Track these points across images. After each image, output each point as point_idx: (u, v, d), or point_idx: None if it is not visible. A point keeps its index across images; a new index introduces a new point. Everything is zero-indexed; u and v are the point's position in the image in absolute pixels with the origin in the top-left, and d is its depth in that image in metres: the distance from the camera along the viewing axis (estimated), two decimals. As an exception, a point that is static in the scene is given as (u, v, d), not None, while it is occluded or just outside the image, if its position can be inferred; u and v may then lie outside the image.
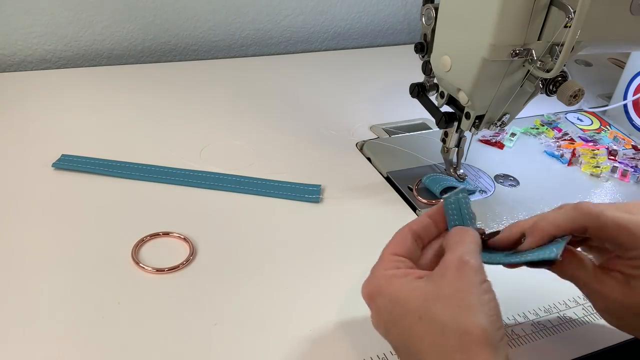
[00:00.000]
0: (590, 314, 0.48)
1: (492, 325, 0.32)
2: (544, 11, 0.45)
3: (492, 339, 0.32)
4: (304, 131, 0.71)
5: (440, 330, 0.32)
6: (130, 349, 0.41)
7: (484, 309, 0.33)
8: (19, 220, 0.52)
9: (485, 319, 0.32)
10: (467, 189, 0.60)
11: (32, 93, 0.73)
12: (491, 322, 0.32)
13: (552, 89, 0.50)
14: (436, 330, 0.32)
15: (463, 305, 0.33)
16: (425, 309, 0.33)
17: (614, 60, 1.01)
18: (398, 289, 0.35)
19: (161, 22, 0.87)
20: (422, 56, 0.57)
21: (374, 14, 1.02)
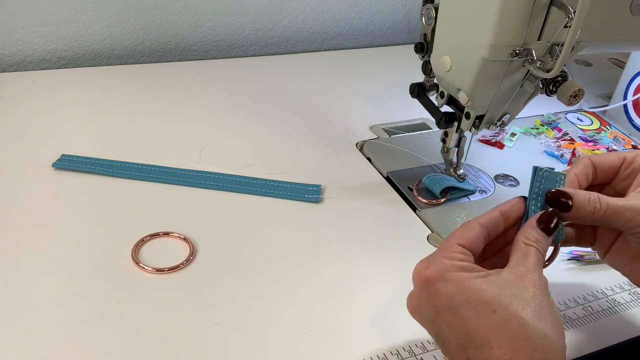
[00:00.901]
0: (590, 313, 0.48)
1: (563, 336, 0.34)
2: (544, 11, 0.45)
3: (564, 348, 0.33)
4: (304, 131, 0.71)
5: (520, 326, 0.33)
6: (130, 349, 0.41)
7: (559, 321, 0.34)
8: (19, 220, 0.52)
9: (560, 329, 0.34)
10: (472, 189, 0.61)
11: (32, 93, 0.73)
12: (562, 333, 0.34)
13: (552, 89, 0.50)
14: (515, 326, 0.33)
15: (543, 312, 0.34)
16: (503, 304, 0.34)
17: (614, 60, 1.01)
18: (466, 278, 0.35)
19: (161, 22, 0.87)
20: (422, 56, 0.57)
21: (374, 14, 1.02)
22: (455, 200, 0.60)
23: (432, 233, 0.55)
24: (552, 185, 0.40)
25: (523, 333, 0.33)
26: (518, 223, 0.40)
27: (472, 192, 0.61)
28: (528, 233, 0.38)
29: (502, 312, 0.33)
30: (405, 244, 0.54)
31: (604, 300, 0.50)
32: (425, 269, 0.37)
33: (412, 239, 0.55)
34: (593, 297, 0.50)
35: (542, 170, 0.41)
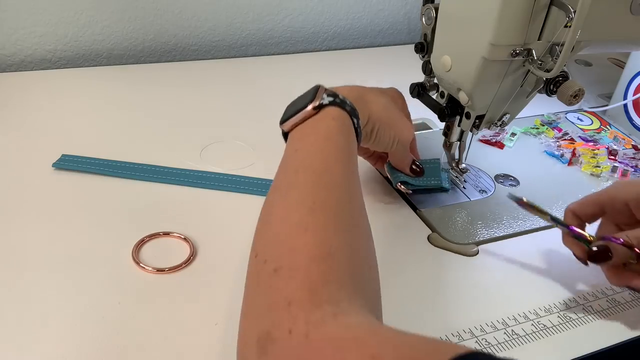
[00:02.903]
0: (590, 314, 0.48)
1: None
2: (544, 11, 0.45)
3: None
4: (304, 131, 0.71)
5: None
6: (130, 349, 0.41)
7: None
8: (19, 220, 0.52)
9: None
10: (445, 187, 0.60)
11: (32, 93, 0.73)
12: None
13: (552, 89, 0.50)
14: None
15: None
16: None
17: (614, 60, 1.01)
18: None
19: (161, 22, 0.87)
20: (423, 56, 0.57)
21: (374, 14, 1.02)
22: (454, 200, 0.60)
23: (432, 233, 0.55)
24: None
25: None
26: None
27: (445, 190, 0.60)
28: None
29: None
30: (405, 244, 0.54)
31: (604, 300, 0.50)
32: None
33: (412, 239, 0.55)
34: (593, 297, 0.50)
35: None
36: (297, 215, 0.35)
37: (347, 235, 0.35)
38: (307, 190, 0.37)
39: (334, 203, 0.37)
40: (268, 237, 0.36)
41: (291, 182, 0.38)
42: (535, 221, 0.58)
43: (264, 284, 0.33)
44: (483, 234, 0.56)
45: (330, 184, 0.38)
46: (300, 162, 0.40)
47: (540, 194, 0.63)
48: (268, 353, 0.29)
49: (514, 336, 0.45)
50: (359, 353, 0.27)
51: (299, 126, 0.44)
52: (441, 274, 0.51)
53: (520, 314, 0.47)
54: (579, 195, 0.63)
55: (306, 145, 0.42)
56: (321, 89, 0.45)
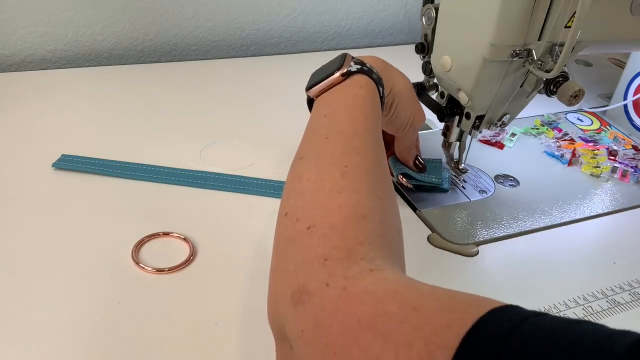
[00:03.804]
0: (590, 314, 0.48)
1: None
2: (544, 11, 0.45)
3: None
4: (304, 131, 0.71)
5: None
6: (130, 349, 0.41)
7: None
8: (19, 220, 0.52)
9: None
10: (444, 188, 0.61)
11: (32, 93, 0.73)
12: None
13: (552, 89, 0.50)
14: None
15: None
16: None
17: (614, 60, 1.01)
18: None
19: (161, 22, 0.87)
20: (423, 57, 0.57)
21: (374, 14, 1.02)
22: (454, 200, 0.60)
23: (432, 233, 0.55)
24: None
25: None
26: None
27: (445, 190, 0.61)
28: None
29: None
30: (405, 244, 0.54)
31: (604, 300, 0.50)
32: None
33: (412, 239, 0.55)
34: (593, 297, 0.50)
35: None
36: (330, 179, 0.36)
37: (377, 200, 0.36)
38: (338, 154, 0.38)
39: (365, 168, 0.37)
40: (300, 198, 0.36)
41: (321, 147, 0.39)
42: (535, 221, 0.58)
43: (297, 241, 0.33)
44: (483, 234, 0.56)
45: (360, 149, 0.39)
46: (330, 128, 0.40)
47: (540, 194, 0.63)
48: (305, 304, 0.30)
49: (513, 336, 0.45)
50: (399, 304, 0.27)
51: (326, 92, 0.45)
52: (441, 274, 0.51)
53: (520, 314, 0.47)
54: (579, 195, 0.63)
55: (334, 111, 0.42)
56: (348, 57, 0.46)
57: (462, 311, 0.26)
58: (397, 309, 0.27)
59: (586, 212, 0.60)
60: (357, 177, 0.36)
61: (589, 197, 0.63)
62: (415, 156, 0.58)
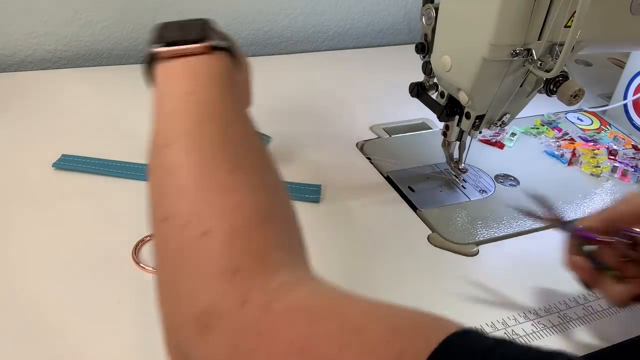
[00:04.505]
0: (590, 314, 0.48)
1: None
2: (544, 11, 0.45)
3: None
4: (304, 131, 0.71)
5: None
6: (130, 349, 0.41)
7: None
8: (19, 220, 0.52)
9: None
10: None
11: (32, 93, 0.73)
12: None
13: (552, 89, 0.50)
14: None
15: None
16: None
17: (614, 60, 1.01)
18: None
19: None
20: (423, 57, 0.57)
21: (374, 14, 1.02)
22: (454, 200, 0.60)
23: (432, 233, 0.55)
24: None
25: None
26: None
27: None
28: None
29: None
30: (405, 244, 0.54)
31: (604, 300, 0.50)
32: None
33: (412, 239, 0.55)
34: (593, 297, 0.50)
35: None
36: (216, 173, 0.30)
37: (275, 194, 0.32)
38: (220, 144, 0.31)
39: (253, 159, 0.33)
40: (182, 198, 0.30)
41: (196, 133, 0.32)
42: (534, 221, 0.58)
43: (190, 252, 0.27)
44: (483, 234, 0.56)
45: (244, 138, 0.33)
46: (201, 110, 0.33)
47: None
48: (215, 330, 0.25)
49: (514, 336, 0.45)
50: (339, 324, 0.23)
51: (184, 61, 0.36)
52: (441, 274, 0.51)
53: (520, 314, 0.47)
54: (579, 195, 0.63)
55: (204, 89, 0.35)
56: (214, 26, 0.40)
57: (414, 335, 0.22)
58: (336, 330, 0.23)
59: (586, 212, 0.60)
60: (247, 170, 0.31)
61: (589, 197, 0.63)
62: None
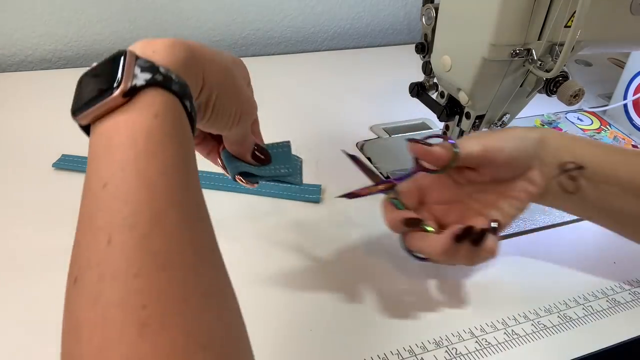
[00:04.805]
0: (590, 313, 0.48)
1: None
2: (544, 11, 0.45)
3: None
4: (304, 131, 0.71)
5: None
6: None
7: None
8: (19, 220, 0.52)
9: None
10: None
11: (32, 93, 0.73)
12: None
13: (552, 89, 0.50)
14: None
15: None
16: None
17: (614, 60, 1.01)
18: None
19: (161, 22, 0.87)
20: (423, 57, 0.57)
21: (374, 14, 1.02)
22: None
23: (432, 233, 0.55)
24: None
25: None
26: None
27: (297, 183, 0.48)
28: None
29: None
30: (405, 243, 0.54)
31: (604, 300, 0.50)
32: None
33: (412, 238, 0.55)
34: (593, 297, 0.50)
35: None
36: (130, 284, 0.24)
37: (215, 310, 0.26)
38: (137, 262, 0.24)
39: (181, 270, 0.25)
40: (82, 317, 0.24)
41: (105, 251, 0.25)
42: (535, 221, 0.58)
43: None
44: (483, 234, 0.56)
45: (168, 235, 0.26)
46: (115, 209, 0.27)
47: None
48: None
49: (514, 336, 0.45)
50: None
51: (104, 121, 0.30)
52: (441, 274, 0.51)
53: (520, 314, 0.47)
54: (579, 195, 0.63)
55: (118, 171, 0.28)
56: (130, 57, 0.29)
57: None
58: None
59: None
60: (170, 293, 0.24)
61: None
62: (252, 147, 0.44)
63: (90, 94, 0.30)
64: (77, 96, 0.31)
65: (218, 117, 0.37)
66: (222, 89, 0.36)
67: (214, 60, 0.36)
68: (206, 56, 0.35)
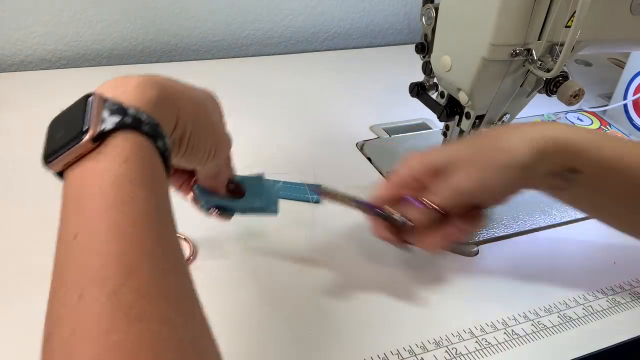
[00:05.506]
0: (590, 313, 0.48)
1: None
2: (544, 11, 0.45)
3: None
4: (304, 131, 0.71)
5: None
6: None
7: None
8: (20, 220, 0.52)
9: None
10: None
11: (32, 93, 0.73)
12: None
13: (552, 89, 0.50)
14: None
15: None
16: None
17: (614, 60, 1.01)
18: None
19: (161, 22, 0.87)
20: (423, 57, 0.57)
21: (374, 14, 1.02)
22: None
23: (432, 233, 0.55)
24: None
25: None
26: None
27: (273, 213, 0.48)
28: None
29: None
30: (405, 244, 0.54)
31: (604, 300, 0.50)
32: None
33: (412, 239, 0.55)
34: (593, 297, 0.50)
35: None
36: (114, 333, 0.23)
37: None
38: (108, 315, 0.24)
39: (150, 329, 0.24)
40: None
41: (77, 306, 0.25)
42: (535, 221, 0.58)
43: None
44: (483, 234, 0.56)
45: (138, 290, 0.25)
46: (87, 253, 0.27)
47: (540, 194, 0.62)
48: None
49: (513, 336, 0.45)
50: None
51: (75, 168, 0.29)
52: (441, 274, 0.51)
53: (520, 314, 0.47)
54: (579, 195, 0.63)
55: (87, 220, 0.27)
56: (98, 100, 0.30)
57: None
58: None
59: (586, 212, 0.60)
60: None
61: (589, 197, 0.63)
62: (226, 180, 0.44)
63: (60, 141, 0.29)
64: (48, 143, 0.30)
65: (192, 152, 0.37)
66: (197, 125, 0.36)
67: (187, 96, 0.36)
68: (179, 92, 0.35)
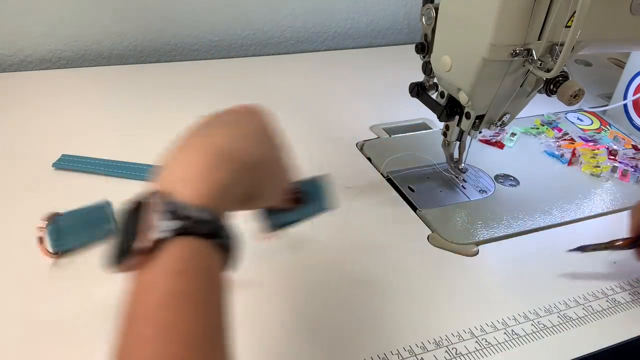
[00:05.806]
0: (590, 313, 0.48)
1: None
2: (544, 11, 0.45)
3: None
4: (304, 131, 0.71)
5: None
6: (130, 349, 0.41)
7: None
8: (19, 220, 0.52)
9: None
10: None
11: (32, 93, 0.73)
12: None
13: (552, 89, 0.50)
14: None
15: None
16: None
17: (614, 60, 1.01)
18: None
19: (161, 22, 0.87)
20: (423, 57, 0.57)
21: (374, 14, 1.02)
22: (454, 200, 0.60)
23: (432, 233, 0.55)
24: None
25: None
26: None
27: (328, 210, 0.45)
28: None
29: None
30: (405, 243, 0.54)
31: (604, 300, 0.50)
32: None
33: (412, 239, 0.55)
34: (593, 297, 0.50)
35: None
36: None
37: None
38: None
39: None
40: None
41: None
42: (535, 221, 0.58)
43: None
44: (483, 234, 0.56)
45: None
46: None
47: (540, 194, 0.63)
48: None
49: (514, 336, 0.45)
50: None
51: (133, 276, 0.28)
52: (441, 274, 0.51)
53: (520, 314, 0.47)
54: (579, 195, 0.63)
55: (142, 338, 0.27)
56: (152, 206, 0.28)
57: None
58: None
59: (586, 212, 0.60)
60: None
61: (589, 197, 0.63)
62: (289, 193, 0.41)
63: (115, 252, 0.28)
64: (108, 252, 0.28)
65: (259, 205, 0.36)
66: (264, 185, 0.34)
67: (256, 163, 0.32)
68: (249, 164, 0.32)
